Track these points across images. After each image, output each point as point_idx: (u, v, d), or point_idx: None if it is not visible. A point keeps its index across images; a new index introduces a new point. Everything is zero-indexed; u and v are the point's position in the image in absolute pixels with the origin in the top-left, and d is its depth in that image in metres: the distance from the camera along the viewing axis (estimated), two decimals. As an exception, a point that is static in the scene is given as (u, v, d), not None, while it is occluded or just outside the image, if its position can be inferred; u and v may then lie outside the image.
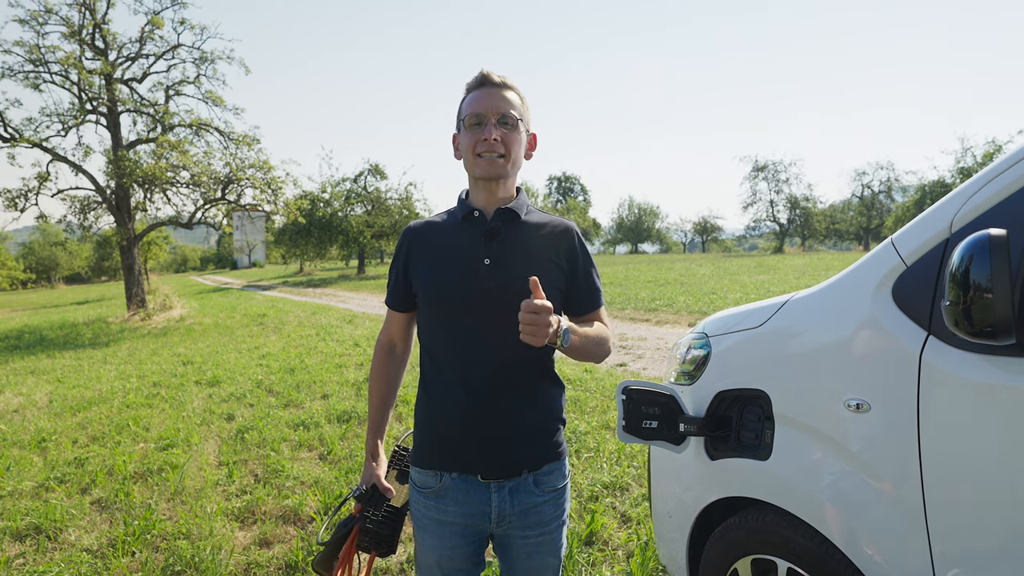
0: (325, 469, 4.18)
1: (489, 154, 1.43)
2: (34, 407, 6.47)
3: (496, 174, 1.45)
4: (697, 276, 20.44)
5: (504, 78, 1.47)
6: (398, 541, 1.60)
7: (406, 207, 34.15)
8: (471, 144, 1.44)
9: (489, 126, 1.42)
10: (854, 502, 1.43)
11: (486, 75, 1.46)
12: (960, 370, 1.23)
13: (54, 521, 3.45)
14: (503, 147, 1.43)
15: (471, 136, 1.44)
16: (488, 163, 1.43)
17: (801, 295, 1.67)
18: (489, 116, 1.42)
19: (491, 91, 1.45)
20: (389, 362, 1.64)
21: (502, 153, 1.44)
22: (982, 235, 1.07)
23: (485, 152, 1.43)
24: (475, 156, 1.44)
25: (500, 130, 1.43)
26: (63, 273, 62.64)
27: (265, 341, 10.70)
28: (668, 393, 1.74)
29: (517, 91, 1.49)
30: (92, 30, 15.20)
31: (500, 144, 1.43)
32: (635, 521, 3.21)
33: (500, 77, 1.46)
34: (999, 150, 37.91)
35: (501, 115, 1.43)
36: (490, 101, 1.43)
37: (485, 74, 1.46)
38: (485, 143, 1.42)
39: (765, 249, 57.42)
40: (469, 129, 1.45)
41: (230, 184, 16.01)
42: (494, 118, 1.42)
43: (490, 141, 1.42)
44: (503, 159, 1.44)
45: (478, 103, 1.44)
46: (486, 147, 1.43)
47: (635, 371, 6.98)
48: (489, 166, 1.44)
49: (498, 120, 1.43)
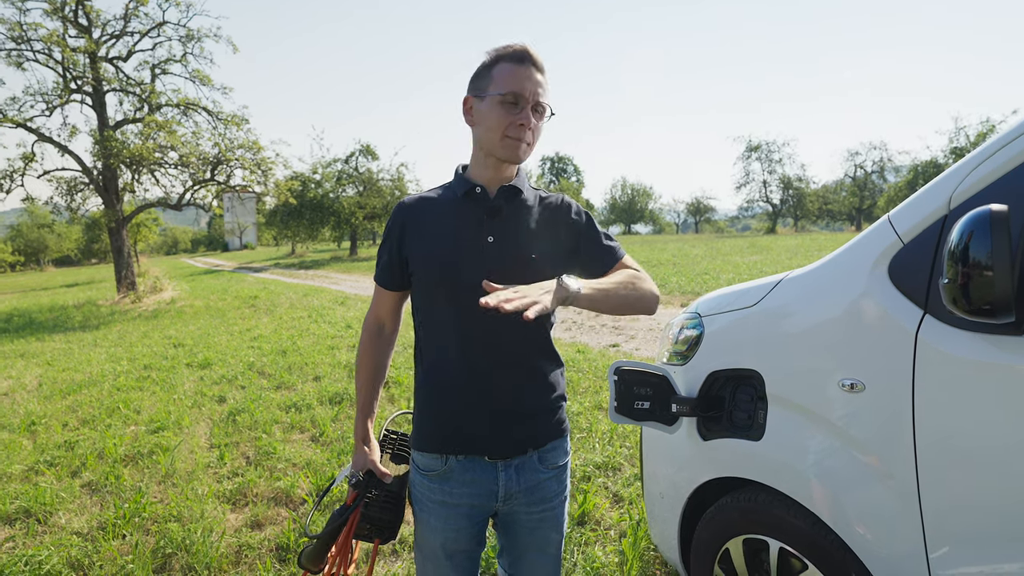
0: (317, 451, 4.17)
1: (518, 139, 1.37)
2: (24, 390, 6.42)
3: (518, 159, 1.40)
4: (690, 257, 20.47)
5: (541, 60, 1.40)
6: (400, 526, 1.55)
7: (398, 188, 33.96)
8: (502, 123, 1.37)
9: (527, 110, 1.36)
10: (847, 482, 1.42)
11: (529, 52, 1.37)
12: (957, 349, 1.21)
13: (44, 504, 3.43)
14: (531, 135, 1.38)
15: (504, 114, 1.36)
16: (515, 146, 1.38)
17: (795, 274, 1.65)
18: (528, 99, 1.36)
19: (532, 72, 1.36)
20: (378, 342, 1.60)
21: (529, 141, 1.39)
22: (983, 211, 1.05)
23: (517, 135, 1.37)
24: (504, 136, 1.38)
25: (534, 116, 1.37)
26: (52, 255, 62.15)
27: (257, 323, 10.65)
28: (660, 374, 1.73)
29: (546, 77, 1.42)
30: (75, 7, 14.88)
31: (531, 132, 1.38)
32: (627, 501, 3.22)
33: (540, 59, 1.38)
34: (992, 130, 37.95)
35: (538, 102, 1.37)
36: (531, 84, 1.36)
37: (528, 50, 1.37)
38: (521, 128, 1.36)
39: (758, 230, 57.58)
40: (503, 106, 1.36)
41: (219, 165, 15.82)
42: (532, 103, 1.36)
43: (527, 127, 1.36)
44: (528, 146, 1.39)
45: (519, 81, 1.35)
46: (520, 132, 1.37)
47: (627, 351, 6.99)
48: (516, 150, 1.38)
49: (534, 106, 1.37)
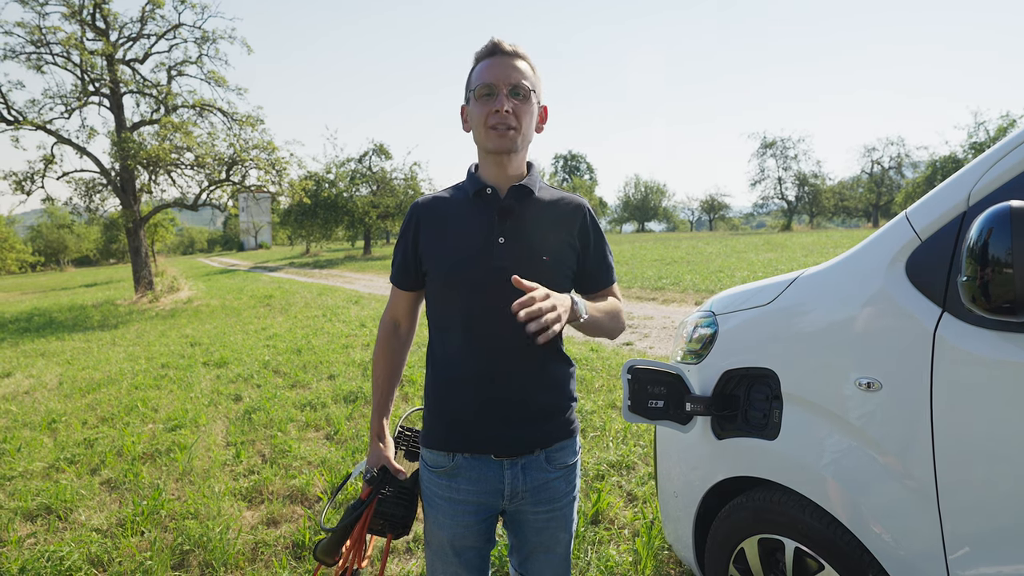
0: (332, 449, 4.20)
1: (501, 126, 1.37)
2: (44, 389, 6.52)
3: (507, 147, 1.40)
4: (704, 254, 20.33)
5: (515, 47, 1.40)
6: (413, 521, 1.58)
7: (411, 187, 34.07)
8: (482, 116, 1.39)
9: (501, 96, 1.36)
10: (863, 481, 1.40)
11: (497, 43, 1.39)
12: (976, 347, 1.19)
13: (64, 501, 3.49)
14: (515, 119, 1.38)
15: (482, 107, 1.38)
16: (500, 135, 1.38)
17: (811, 272, 1.63)
18: (501, 87, 1.36)
19: (502, 60, 1.38)
20: (394, 342, 1.61)
21: (513, 126, 1.38)
22: (1003, 207, 1.03)
23: (497, 124, 1.37)
24: (486, 128, 1.39)
25: (512, 101, 1.37)
26: (71, 256, 63.04)
27: (272, 322, 10.74)
28: (675, 372, 1.72)
29: (528, 60, 1.42)
30: (93, 10, 15.08)
31: (512, 116, 1.37)
32: (641, 500, 3.21)
33: (511, 46, 1.39)
34: (1012, 124, 37.30)
35: (513, 86, 1.37)
36: (502, 71, 1.37)
37: (496, 42, 1.39)
38: (497, 115, 1.37)
39: (773, 227, 57.04)
40: (480, 100, 1.39)
41: (234, 165, 15.98)
42: (506, 89, 1.36)
43: (502, 113, 1.36)
44: (514, 131, 1.39)
45: (489, 72, 1.37)
46: (498, 119, 1.37)
47: (641, 350, 6.96)
48: (500, 139, 1.38)
49: (510, 91, 1.37)
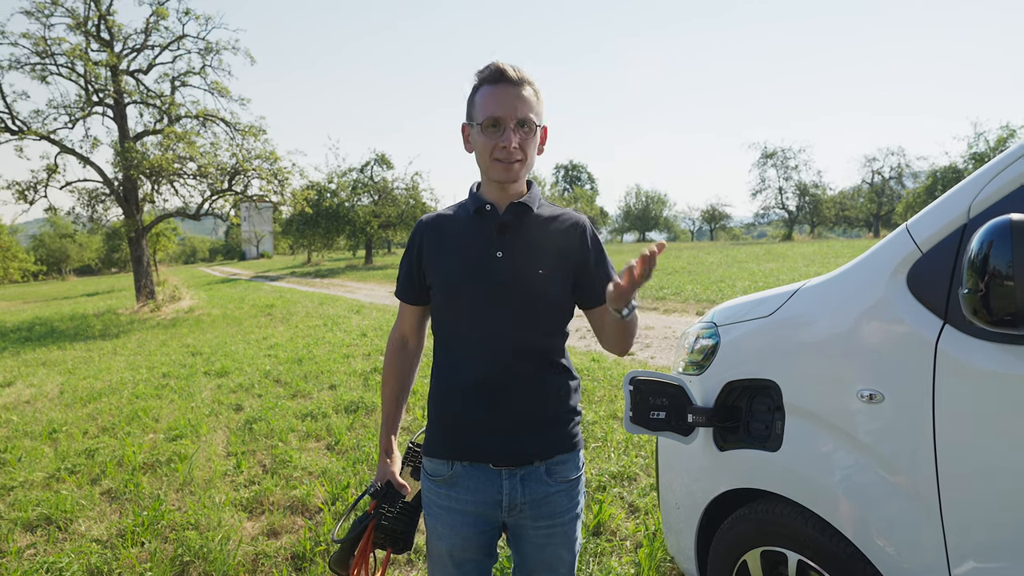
0: (333, 459, 4.19)
1: (507, 160, 1.38)
2: (45, 398, 6.52)
3: (513, 179, 1.41)
4: (705, 264, 20.34)
5: (521, 72, 1.37)
6: (413, 537, 1.60)
7: (413, 197, 34.19)
8: (488, 148, 1.38)
9: (508, 132, 1.35)
10: (866, 494, 1.40)
11: (503, 70, 1.36)
12: (977, 360, 1.19)
13: (64, 512, 3.48)
14: (521, 152, 1.38)
15: (488, 140, 1.38)
16: (505, 168, 1.39)
17: (812, 283, 1.64)
18: (508, 121, 1.35)
19: (508, 90, 1.35)
20: (402, 357, 1.62)
21: (519, 159, 1.39)
22: (1003, 220, 1.04)
23: (504, 158, 1.38)
24: (492, 160, 1.39)
25: (519, 135, 1.37)
26: (73, 265, 63.22)
27: (273, 332, 10.74)
28: (676, 383, 1.72)
29: (533, 86, 1.40)
30: (97, 21, 15.23)
31: (519, 151, 1.38)
32: (643, 511, 3.19)
33: (517, 72, 1.36)
34: (1012, 135, 37.39)
35: (520, 120, 1.36)
36: (509, 103, 1.35)
37: (502, 69, 1.36)
38: (504, 150, 1.36)
39: (774, 237, 57.05)
40: (486, 132, 1.38)
41: (237, 175, 16.06)
42: (512, 123, 1.35)
43: (509, 149, 1.36)
44: (520, 163, 1.40)
45: (496, 104, 1.35)
46: (504, 154, 1.37)
47: (643, 361, 6.95)
48: (506, 171, 1.39)
49: (516, 125, 1.36)
